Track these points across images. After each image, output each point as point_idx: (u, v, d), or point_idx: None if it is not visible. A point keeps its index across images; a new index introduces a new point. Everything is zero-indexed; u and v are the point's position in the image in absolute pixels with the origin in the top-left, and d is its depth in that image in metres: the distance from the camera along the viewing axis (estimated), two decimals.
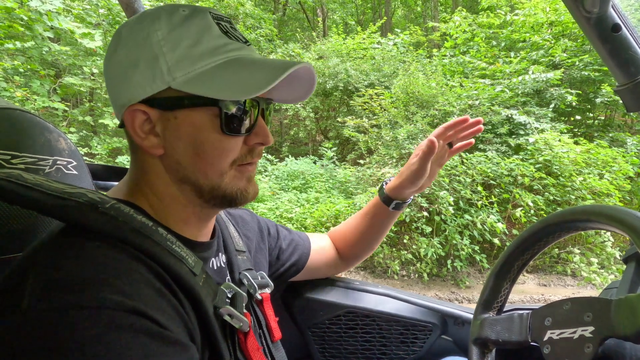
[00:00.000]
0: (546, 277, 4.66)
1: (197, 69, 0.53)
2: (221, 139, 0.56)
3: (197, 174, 0.57)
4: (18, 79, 5.40)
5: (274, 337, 0.73)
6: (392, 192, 0.98)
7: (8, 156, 0.61)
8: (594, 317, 0.55)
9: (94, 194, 0.53)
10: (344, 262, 1.09)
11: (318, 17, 14.55)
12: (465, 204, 4.86)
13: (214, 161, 0.56)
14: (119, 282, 0.44)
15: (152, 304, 0.45)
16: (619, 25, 0.74)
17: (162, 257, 0.50)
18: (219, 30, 0.56)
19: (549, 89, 6.08)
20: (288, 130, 9.46)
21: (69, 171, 0.69)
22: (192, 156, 0.56)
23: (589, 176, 4.76)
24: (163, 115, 0.55)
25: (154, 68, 0.53)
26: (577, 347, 0.55)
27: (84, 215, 0.49)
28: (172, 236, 0.55)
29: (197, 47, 0.54)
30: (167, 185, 0.58)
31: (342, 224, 1.10)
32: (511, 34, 7.44)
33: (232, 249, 0.74)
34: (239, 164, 0.59)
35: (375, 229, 1.04)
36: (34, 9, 4.75)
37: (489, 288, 0.80)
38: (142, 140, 0.56)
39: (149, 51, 0.54)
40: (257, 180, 4.99)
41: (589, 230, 0.69)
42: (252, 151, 0.60)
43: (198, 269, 0.55)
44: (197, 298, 0.53)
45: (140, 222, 0.52)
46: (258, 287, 0.73)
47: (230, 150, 0.57)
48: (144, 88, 0.54)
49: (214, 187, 0.58)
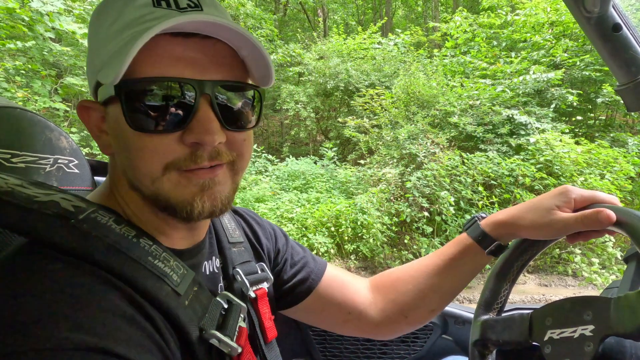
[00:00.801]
0: (547, 277, 4.65)
1: (108, 52, 0.46)
2: (139, 137, 0.46)
3: (135, 179, 0.49)
4: (19, 80, 5.40)
5: (267, 337, 0.66)
6: (497, 229, 0.72)
7: (8, 155, 0.61)
8: (593, 316, 0.55)
9: (71, 201, 0.46)
10: (383, 318, 0.79)
11: (319, 18, 14.56)
12: (466, 204, 4.86)
13: (139, 164, 0.47)
14: (80, 314, 0.38)
15: (119, 336, 0.39)
16: (620, 25, 0.74)
17: (137, 280, 0.44)
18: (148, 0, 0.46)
19: (550, 89, 6.08)
20: (289, 131, 9.47)
21: (70, 170, 0.69)
22: (125, 157, 0.49)
23: (590, 176, 4.75)
24: (105, 110, 0.50)
25: (90, 58, 0.50)
26: (578, 346, 0.55)
27: (50, 231, 0.43)
28: (157, 247, 0.49)
29: (114, 24, 0.46)
30: (128, 190, 0.52)
31: (396, 268, 0.84)
32: (512, 34, 7.44)
33: (226, 242, 0.67)
34: (184, 169, 0.47)
35: (454, 278, 0.76)
36: (35, 9, 4.76)
37: (489, 289, 0.80)
38: (98, 138, 0.52)
39: (89, 41, 0.51)
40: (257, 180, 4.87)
41: None
42: (195, 154, 0.47)
43: (185, 284, 0.49)
44: (177, 323, 0.46)
45: (119, 234, 0.46)
46: (254, 282, 0.66)
47: (154, 151, 0.46)
48: (90, 82, 0.51)
49: (153, 193, 0.48)
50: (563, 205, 0.65)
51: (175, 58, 0.45)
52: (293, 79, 9.75)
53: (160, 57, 0.44)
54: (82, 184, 0.72)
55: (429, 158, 5.28)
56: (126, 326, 0.41)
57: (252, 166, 6.96)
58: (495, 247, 0.72)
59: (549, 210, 0.65)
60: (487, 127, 5.77)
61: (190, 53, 0.46)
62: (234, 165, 0.52)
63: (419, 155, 5.31)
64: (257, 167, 7.03)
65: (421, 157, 5.29)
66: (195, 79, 0.46)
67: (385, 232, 4.80)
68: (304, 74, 8.94)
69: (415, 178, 4.99)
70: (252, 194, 5.73)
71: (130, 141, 0.46)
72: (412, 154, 5.42)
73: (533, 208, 0.68)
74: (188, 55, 0.46)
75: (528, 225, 0.67)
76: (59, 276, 0.41)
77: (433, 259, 0.78)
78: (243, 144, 0.52)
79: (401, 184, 5.18)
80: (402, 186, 5.14)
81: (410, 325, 0.80)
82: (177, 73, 0.45)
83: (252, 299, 0.65)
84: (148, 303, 0.45)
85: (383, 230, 4.78)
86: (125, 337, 0.40)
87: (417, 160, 5.35)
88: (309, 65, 8.64)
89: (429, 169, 5.05)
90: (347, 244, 4.89)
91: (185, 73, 0.45)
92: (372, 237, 4.73)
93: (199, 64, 0.47)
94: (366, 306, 0.79)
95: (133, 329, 0.41)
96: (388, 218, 4.87)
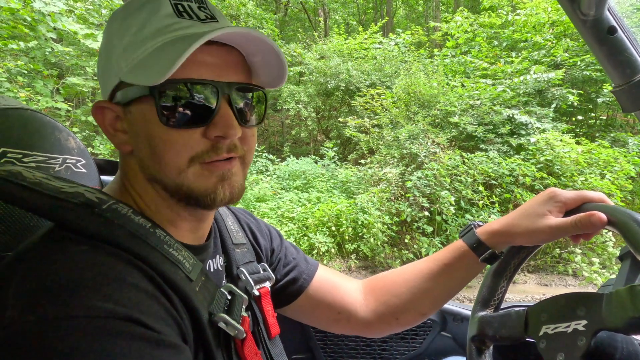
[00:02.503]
0: (547, 277, 4.66)
1: (138, 56, 0.51)
2: (168, 133, 0.51)
3: (158, 171, 0.53)
4: (21, 80, 5.43)
5: (271, 333, 0.70)
6: (492, 237, 0.72)
7: (20, 155, 0.63)
8: (586, 311, 0.57)
9: (94, 193, 0.50)
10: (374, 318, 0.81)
11: (319, 17, 14.57)
12: (467, 204, 4.87)
13: (167, 157, 0.52)
14: (108, 288, 0.42)
15: (144, 309, 0.43)
16: (615, 28, 0.75)
17: (156, 263, 0.48)
18: (171, 10, 0.52)
19: (551, 88, 6.09)
20: (290, 130, 9.49)
21: (78, 169, 0.71)
22: (150, 153, 0.52)
23: (590, 176, 4.76)
24: (124, 110, 0.53)
25: (110, 62, 0.53)
26: (571, 340, 0.57)
27: (78, 217, 0.47)
28: (170, 238, 0.52)
29: (141, 32, 0.51)
30: (144, 184, 0.56)
31: (391, 271, 0.86)
32: (513, 33, 7.45)
33: (230, 244, 0.71)
34: (206, 161, 0.52)
35: (447, 283, 0.77)
36: (37, 10, 4.78)
37: (487, 286, 0.81)
38: (113, 137, 0.55)
39: (107, 46, 0.54)
40: (258, 180, 4.89)
41: None
42: (216, 146, 0.53)
43: (196, 272, 0.53)
44: (191, 305, 0.50)
45: (138, 223, 0.50)
46: (257, 281, 0.69)
47: (183, 144, 0.51)
48: (106, 85, 0.54)
49: (177, 185, 0.53)
50: (555, 209, 0.66)
51: (199, 63, 0.51)
52: (294, 78, 9.76)
53: (188, 62, 0.48)
54: (90, 183, 0.74)
55: (429, 158, 5.29)
56: (149, 300, 0.44)
57: (253, 166, 6.97)
58: (489, 254, 0.73)
59: (542, 215, 0.66)
60: (487, 127, 5.78)
61: (211, 59, 0.52)
62: (244, 159, 0.58)
63: (420, 155, 5.33)
64: (258, 166, 7.05)
65: (422, 157, 5.31)
66: (217, 81, 0.52)
67: (386, 231, 4.82)
68: (304, 74, 8.96)
69: (415, 178, 5.00)
70: (253, 193, 5.75)
71: (158, 137, 0.51)
72: (412, 154, 5.44)
73: (526, 215, 0.68)
74: (210, 61, 0.52)
75: (523, 232, 0.68)
76: (86, 255, 0.44)
77: (427, 263, 0.80)
78: (252, 139, 0.58)
79: (402, 183, 5.19)
80: (403, 186, 5.15)
81: (401, 326, 0.83)
82: (201, 75, 0.51)
83: (257, 296, 0.68)
84: (165, 284, 0.48)
85: (384, 230, 4.80)
86: (150, 310, 0.44)
87: (417, 160, 5.37)
88: (309, 65, 8.65)
89: (430, 168, 5.06)
90: (347, 243, 4.90)
91: (208, 76, 0.51)
92: (372, 237, 4.75)
93: (219, 68, 0.53)
94: (356, 307, 0.82)
95: (155, 304, 0.45)
96: (389, 218, 4.88)
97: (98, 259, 0.44)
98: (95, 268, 0.43)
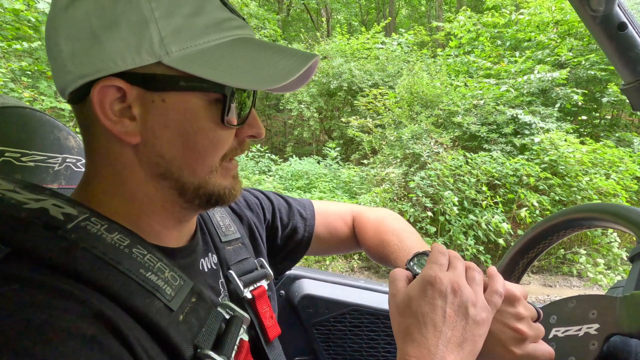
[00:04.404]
0: (552, 277, 4.63)
1: (198, 45, 0.45)
2: (217, 130, 0.48)
3: (182, 169, 0.49)
4: (26, 80, 5.46)
5: (269, 337, 0.65)
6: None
7: (18, 154, 0.62)
8: (598, 315, 0.55)
9: (63, 208, 0.44)
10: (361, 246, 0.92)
11: (322, 18, 14.56)
12: (470, 204, 4.84)
13: (206, 155, 0.49)
14: (25, 341, 0.34)
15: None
16: (625, 24, 0.73)
17: (124, 296, 0.41)
18: (219, 0, 0.48)
19: (555, 88, 6.05)
20: (292, 131, 9.48)
21: (78, 169, 0.70)
22: (181, 148, 0.48)
23: (595, 176, 4.72)
24: (145, 95, 0.45)
25: (141, 35, 0.43)
26: (582, 344, 0.55)
27: (34, 242, 0.40)
28: (152, 256, 0.46)
29: (198, 18, 0.46)
30: (141, 182, 0.49)
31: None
32: (516, 33, 7.41)
33: (219, 242, 0.67)
34: (228, 160, 0.53)
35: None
36: (41, 10, 4.80)
37: None
38: (114, 124, 0.45)
39: (136, 12, 0.43)
40: (260, 180, 4.93)
41: (593, 228, 0.69)
42: (242, 144, 0.54)
43: (180, 298, 0.46)
44: (168, 341, 0.43)
45: (110, 244, 0.44)
46: (250, 281, 0.65)
47: (225, 143, 0.51)
48: (123, 58, 0.43)
49: (200, 185, 0.50)
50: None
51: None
52: None
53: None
54: None
55: (432, 158, 5.26)
56: (82, 348, 0.36)
57: (256, 166, 6.97)
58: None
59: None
60: (491, 127, 5.75)
61: None
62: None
63: (423, 155, 5.30)
64: (260, 167, 7.04)
65: (425, 157, 5.28)
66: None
67: None
68: None
69: (418, 178, 4.98)
70: None
71: (204, 134, 0.48)
72: (415, 154, 5.41)
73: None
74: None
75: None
76: (13, 300, 0.36)
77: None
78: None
79: (404, 183, 5.17)
80: (406, 186, 5.13)
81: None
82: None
83: (250, 299, 0.64)
84: (134, 320, 0.41)
85: None
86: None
87: (420, 160, 5.34)
88: None
89: (433, 168, 5.04)
90: None
91: None
92: None
93: None
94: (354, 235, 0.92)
95: (91, 352, 0.36)
96: None
97: (25, 300, 0.36)
98: (16, 316, 0.35)
